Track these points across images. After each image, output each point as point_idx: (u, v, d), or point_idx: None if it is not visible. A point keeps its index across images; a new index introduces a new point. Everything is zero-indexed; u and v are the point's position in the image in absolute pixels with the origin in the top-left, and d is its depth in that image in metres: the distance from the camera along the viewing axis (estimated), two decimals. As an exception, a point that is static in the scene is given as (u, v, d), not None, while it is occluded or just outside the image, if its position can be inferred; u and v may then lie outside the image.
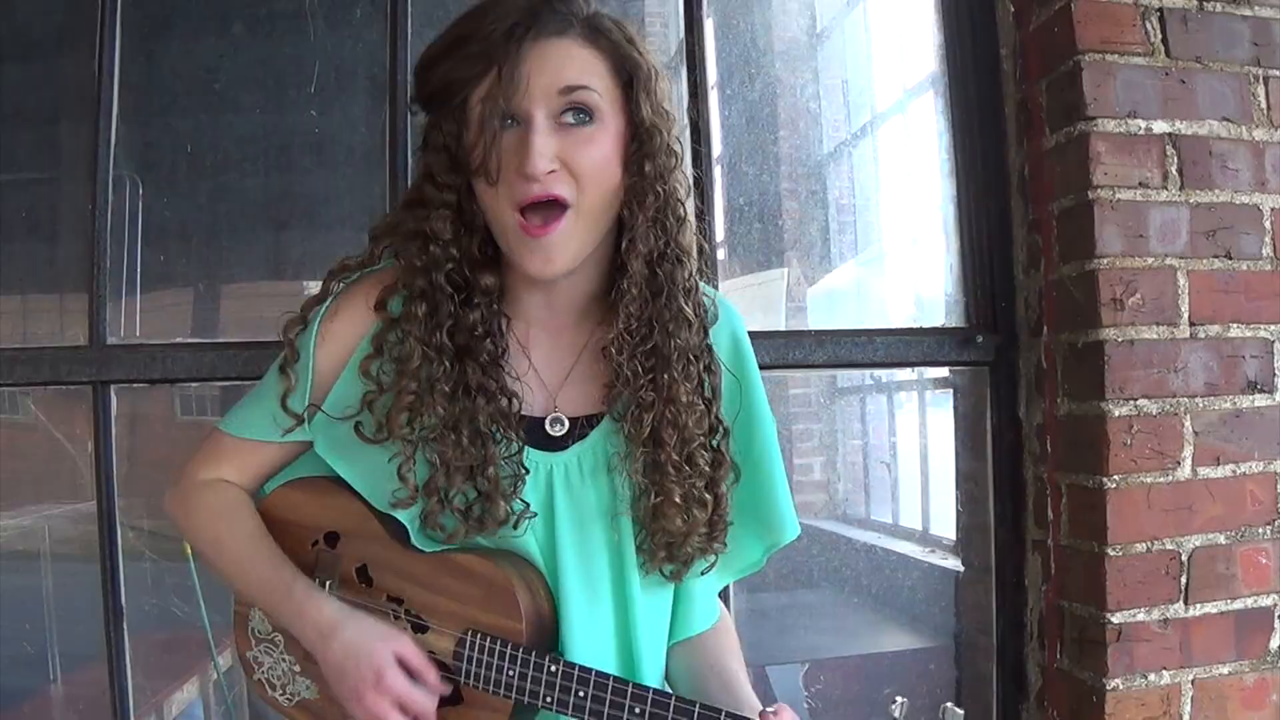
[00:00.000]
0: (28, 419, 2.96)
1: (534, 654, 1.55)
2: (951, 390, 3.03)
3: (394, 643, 1.59)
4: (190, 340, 2.75)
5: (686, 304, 1.65)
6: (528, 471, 1.64)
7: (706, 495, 1.64)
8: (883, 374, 3.65)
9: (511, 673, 1.56)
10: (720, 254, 3.12)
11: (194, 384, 2.77)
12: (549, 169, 1.52)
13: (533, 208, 1.54)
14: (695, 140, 2.75)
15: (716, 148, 3.10)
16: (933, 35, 2.93)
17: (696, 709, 1.46)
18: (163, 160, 2.89)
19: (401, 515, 1.66)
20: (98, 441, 2.59)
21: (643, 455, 1.65)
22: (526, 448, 1.67)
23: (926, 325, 2.92)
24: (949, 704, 1.48)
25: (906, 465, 3.72)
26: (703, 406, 1.66)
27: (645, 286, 1.62)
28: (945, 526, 3.16)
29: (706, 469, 1.65)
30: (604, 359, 1.67)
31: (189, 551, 2.78)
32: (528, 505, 1.63)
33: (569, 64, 1.56)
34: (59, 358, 2.59)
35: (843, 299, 3.41)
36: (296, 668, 1.79)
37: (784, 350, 2.70)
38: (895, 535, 3.58)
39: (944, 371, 3.15)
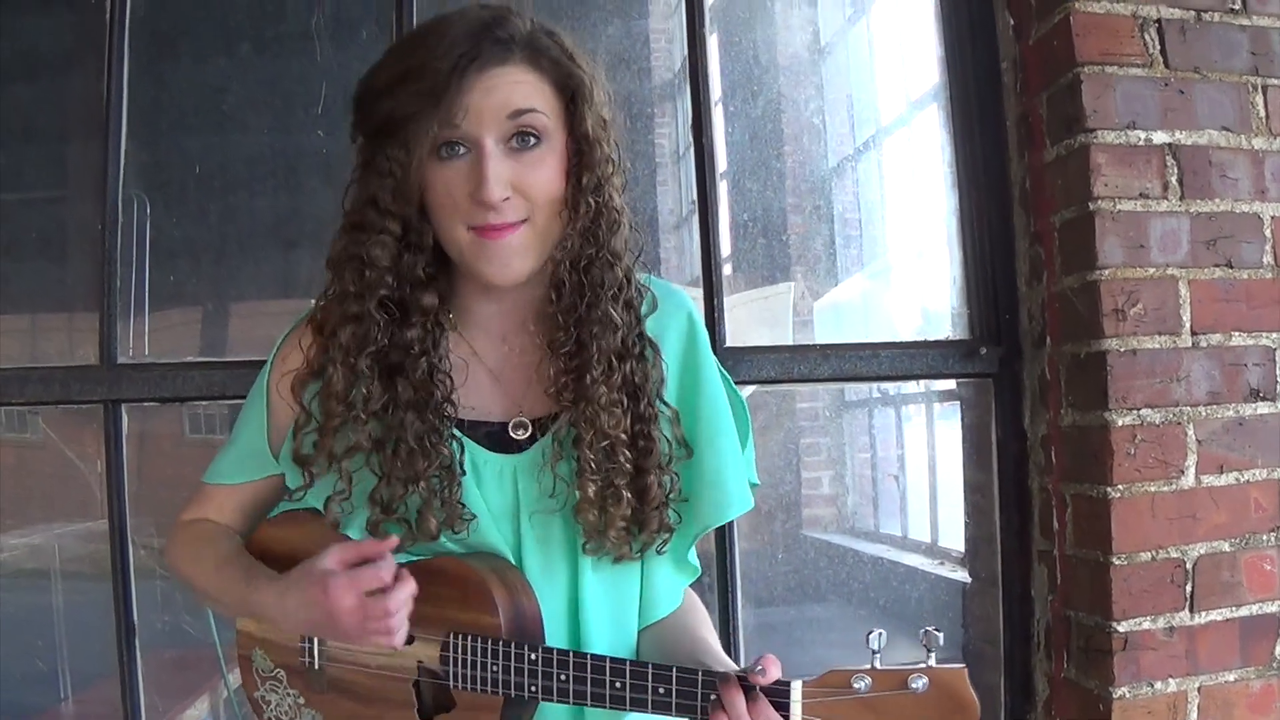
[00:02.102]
0: (38, 438, 2.99)
1: (513, 645, 1.55)
2: (958, 403, 3.04)
3: (324, 558, 1.57)
4: (200, 359, 2.77)
5: (614, 308, 1.65)
6: (463, 473, 1.65)
7: (625, 492, 1.64)
8: (890, 388, 3.67)
9: (495, 668, 1.56)
10: (726, 269, 3.13)
11: (203, 403, 2.79)
12: (504, 196, 1.53)
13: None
14: (699, 157, 2.77)
15: (721, 163, 3.11)
16: (935, 49, 2.94)
17: (674, 671, 1.47)
18: (172, 180, 2.92)
19: (352, 532, 1.67)
20: (109, 460, 2.60)
21: (568, 454, 1.67)
22: (481, 450, 1.69)
23: (931, 339, 2.92)
24: (928, 627, 1.48)
25: (914, 478, 3.72)
26: (624, 403, 1.66)
27: (572, 293, 1.64)
28: (954, 539, 3.16)
29: (628, 465, 1.65)
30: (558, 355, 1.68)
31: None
32: (464, 507, 1.63)
33: (515, 90, 1.56)
34: (70, 377, 2.61)
35: (849, 313, 3.42)
36: (301, 700, 1.80)
37: (789, 365, 2.71)
38: (904, 548, 3.58)
39: (951, 384, 3.15)
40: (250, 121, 2.93)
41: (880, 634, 1.48)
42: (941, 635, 1.47)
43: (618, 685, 1.50)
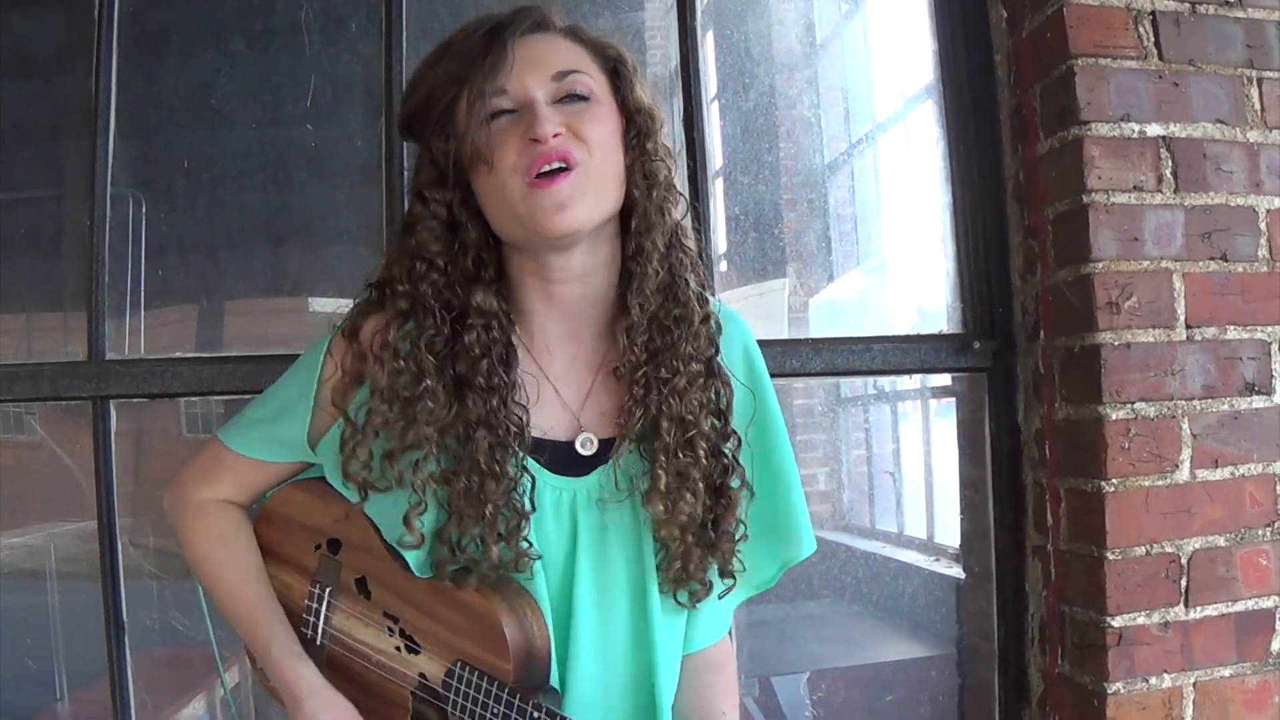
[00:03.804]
0: (33, 438, 2.98)
1: (518, 697, 1.52)
2: (954, 399, 3.02)
3: None
4: (189, 355, 2.76)
5: (695, 301, 1.64)
6: (533, 509, 1.61)
7: (699, 486, 1.61)
8: (885, 384, 3.66)
9: (495, 711, 1.53)
10: (721, 265, 3.12)
11: (196, 401, 2.77)
12: (556, 131, 1.51)
13: (540, 175, 1.52)
14: (691, 152, 2.75)
15: (717, 160, 3.10)
16: (929, 44, 2.93)
17: None
18: (165, 177, 2.91)
19: (410, 558, 1.64)
20: (98, 456, 2.59)
21: (640, 449, 1.64)
22: (546, 473, 1.64)
23: (925, 332, 2.90)
24: None
25: (910, 475, 3.72)
26: (708, 403, 1.64)
27: (658, 271, 1.62)
28: (950, 535, 3.16)
29: (705, 461, 1.62)
30: (619, 376, 1.65)
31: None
32: (530, 546, 1.59)
33: (557, 52, 1.58)
34: (59, 373, 2.60)
35: (844, 309, 3.41)
36: None
37: (781, 358, 2.70)
38: (900, 544, 3.58)
39: (946, 380, 3.14)
40: (239, 116, 2.92)
41: None
42: None
43: None
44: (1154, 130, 2.49)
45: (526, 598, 1.61)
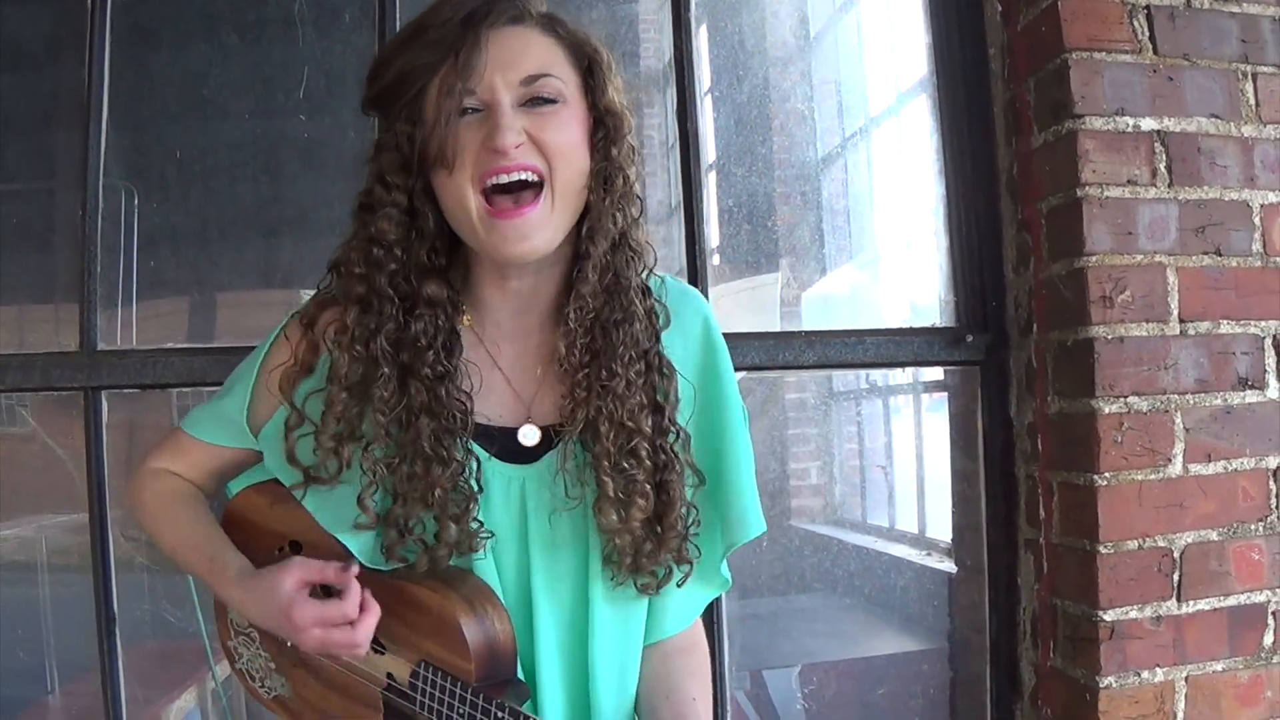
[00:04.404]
0: (26, 430, 2.97)
1: (481, 697, 1.51)
2: (946, 394, 3.02)
3: (286, 578, 1.56)
4: (181, 346, 2.75)
5: (638, 300, 1.62)
6: (480, 490, 1.61)
7: (647, 487, 1.60)
8: (878, 378, 3.65)
9: (461, 711, 1.53)
10: (715, 259, 3.12)
11: (189, 393, 2.77)
12: (517, 142, 1.49)
13: (501, 191, 1.50)
14: (684, 146, 2.75)
15: (711, 153, 3.10)
16: (924, 37, 2.93)
17: None
18: (157, 169, 2.90)
19: (352, 544, 1.63)
20: (89, 447, 2.59)
21: (582, 442, 1.63)
22: (494, 460, 1.64)
23: (917, 326, 2.90)
24: None
25: (902, 469, 3.72)
26: (647, 402, 1.62)
27: (601, 275, 1.60)
28: (942, 530, 3.16)
29: (648, 462, 1.61)
30: (565, 370, 1.64)
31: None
32: (481, 526, 1.59)
33: (529, 51, 1.55)
34: (50, 363, 2.59)
35: (837, 303, 3.41)
36: (272, 664, 1.80)
37: (774, 351, 2.69)
38: (891, 539, 3.57)
39: (938, 374, 3.15)
40: (231, 107, 2.92)
41: None
42: None
43: None
44: (1148, 124, 2.49)
45: (486, 592, 1.61)
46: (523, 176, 1.50)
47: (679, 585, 1.68)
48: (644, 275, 1.66)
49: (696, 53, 2.85)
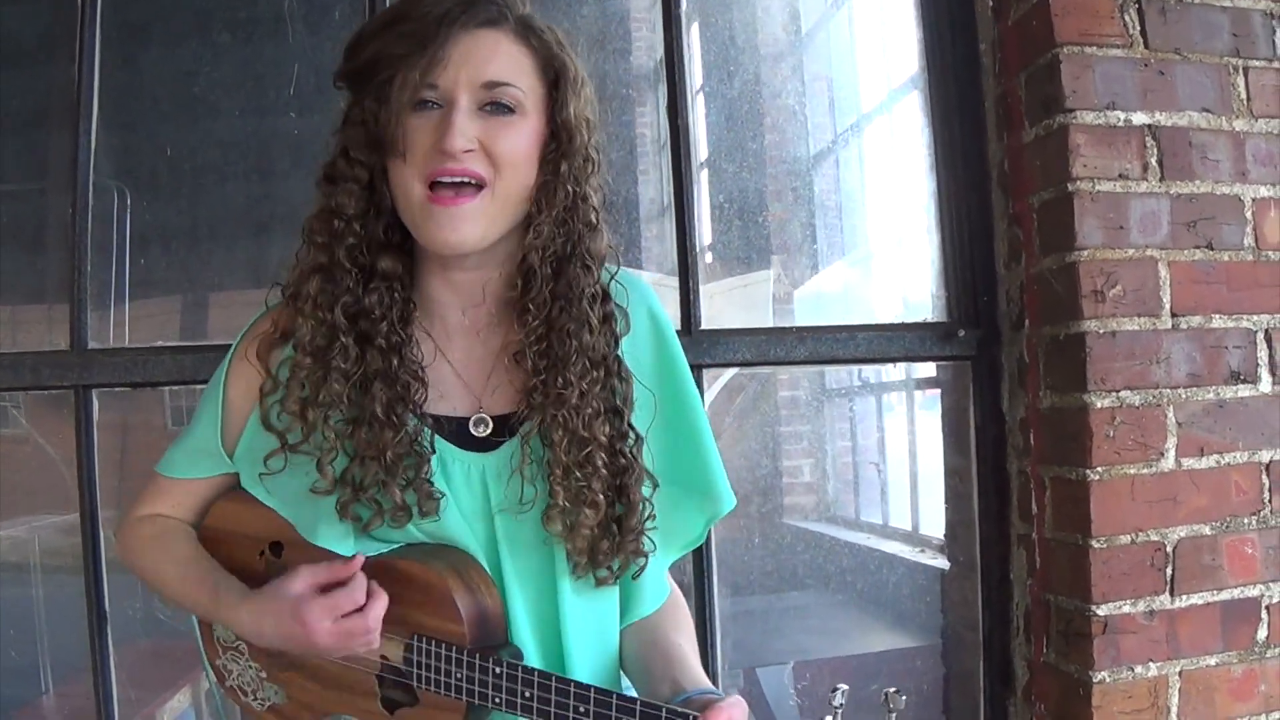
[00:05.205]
0: (19, 431, 2.97)
1: (478, 656, 1.53)
2: (939, 390, 3.02)
3: (293, 583, 1.57)
4: (171, 344, 2.75)
5: (591, 309, 1.63)
6: (433, 451, 1.63)
7: (599, 497, 1.61)
8: (871, 376, 3.65)
9: (459, 675, 1.54)
10: (707, 257, 3.12)
11: (181, 393, 2.77)
12: (467, 148, 1.52)
13: (444, 185, 1.53)
14: (674, 143, 2.75)
15: (703, 151, 3.10)
16: (915, 33, 2.93)
17: (638, 707, 1.45)
18: (148, 168, 2.90)
19: (326, 542, 1.64)
20: (80, 446, 2.59)
21: (544, 448, 1.64)
22: (451, 448, 1.66)
23: (909, 321, 2.90)
24: (890, 689, 1.47)
25: (895, 466, 3.72)
26: (604, 409, 1.64)
27: (545, 287, 1.61)
28: (935, 527, 3.15)
29: (604, 471, 1.63)
30: (519, 361, 1.66)
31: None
32: (432, 486, 1.61)
33: (496, 57, 1.56)
34: (40, 362, 2.59)
35: (830, 301, 3.41)
36: (263, 674, 1.79)
37: (765, 347, 2.69)
38: (885, 536, 3.57)
39: (931, 370, 3.14)
40: (224, 106, 2.92)
41: (843, 689, 1.48)
42: (904, 698, 1.47)
43: (581, 710, 1.48)
44: (1139, 119, 2.49)
45: (471, 562, 1.63)
46: (466, 180, 1.53)
47: (634, 579, 1.70)
48: (603, 283, 1.67)
49: (688, 50, 2.85)
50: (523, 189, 1.59)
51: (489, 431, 1.67)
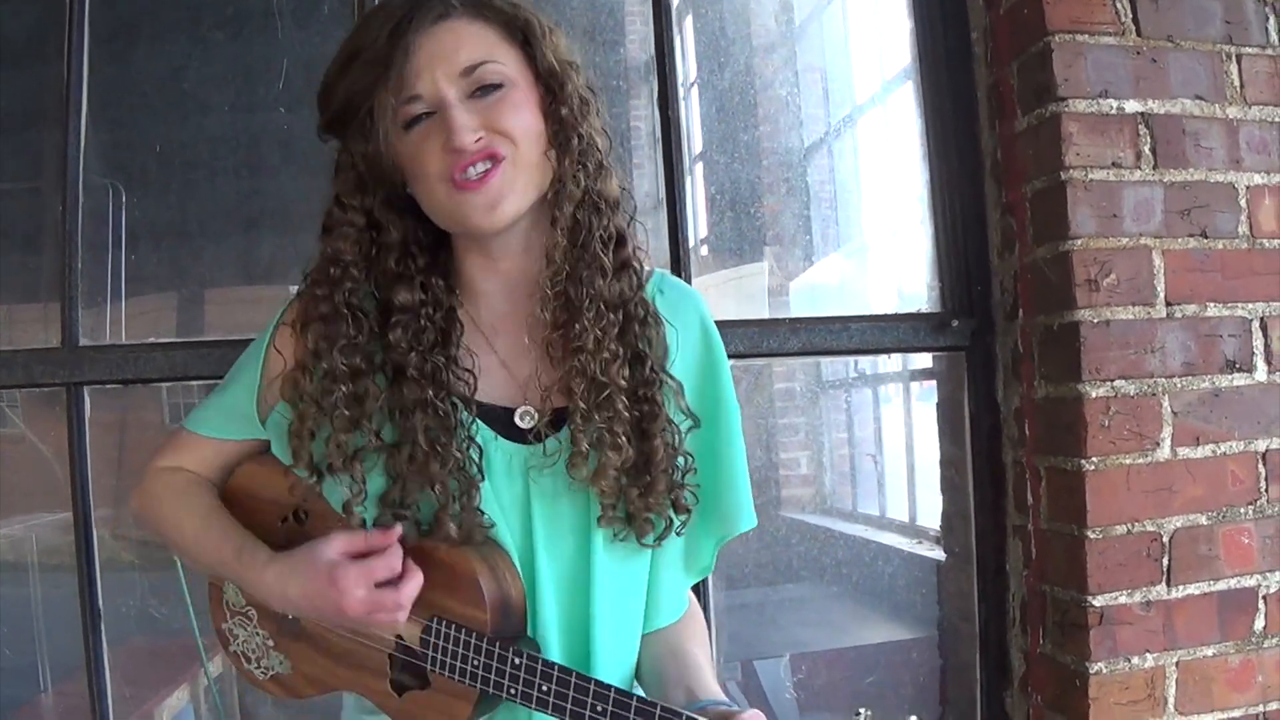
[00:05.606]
0: (15, 431, 2.97)
1: (498, 645, 1.53)
2: (935, 381, 3.02)
3: (328, 546, 1.57)
4: (164, 340, 2.74)
5: (604, 252, 1.63)
6: (483, 478, 1.62)
7: (621, 439, 1.60)
8: (867, 367, 3.65)
9: (476, 662, 1.54)
10: (702, 250, 3.11)
11: (179, 390, 2.77)
12: (475, 138, 1.51)
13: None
14: (666, 134, 2.74)
15: (697, 144, 3.10)
16: (907, 24, 2.92)
17: (658, 710, 1.44)
18: (140, 165, 2.90)
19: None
20: (72, 443, 2.58)
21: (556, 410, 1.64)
22: (499, 440, 1.65)
23: (902, 312, 2.89)
24: (865, 711, 1.47)
25: (892, 458, 3.72)
26: (623, 353, 1.63)
27: (567, 234, 1.61)
28: (931, 518, 3.15)
29: (625, 414, 1.62)
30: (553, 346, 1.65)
31: (177, 558, 2.78)
32: (483, 515, 1.60)
33: (462, 43, 1.56)
34: (32, 359, 2.58)
35: (824, 293, 3.41)
36: (270, 642, 1.80)
37: (759, 338, 2.68)
38: (882, 527, 3.57)
39: (927, 362, 3.14)
40: (213, 101, 2.92)
41: (867, 714, 1.47)
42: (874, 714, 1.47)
43: (598, 709, 1.47)
44: (1132, 107, 2.48)
45: (498, 551, 1.62)
46: (485, 166, 1.53)
47: (677, 533, 1.68)
48: (615, 226, 1.66)
49: (682, 43, 2.85)
50: (540, 152, 1.58)
51: (535, 423, 1.66)
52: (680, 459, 1.66)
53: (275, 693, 1.83)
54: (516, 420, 1.67)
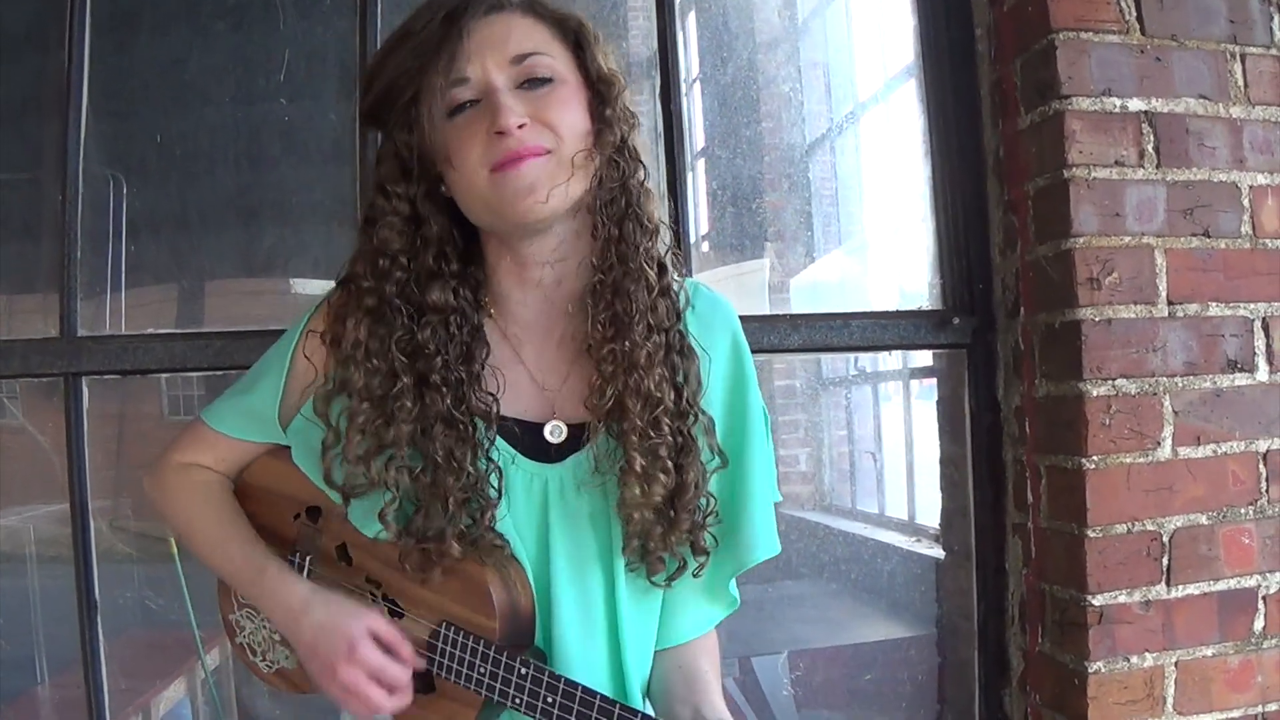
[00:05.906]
0: (13, 422, 2.97)
1: (505, 655, 1.52)
2: (935, 379, 3.01)
3: (366, 618, 1.57)
4: (162, 331, 2.74)
5: (649, 266, 1.60)
6: (499, 498, 1.60)
7: (669, 464, 1.58)
8: (867, 365, 3.65)
9: (483, 670, 1.53)
10: (704, 246, 3.11)
11: (178, 382, 2.77)
12: (520, 122, 1.49)
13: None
14: (668, 130, 2.73)
15: (699, 140, 3.09)
16: (910, 21, 2.91)
17: None
18: (140, 156, 2.89)
19: (373, 529, 1.62)
20: (69, 433, 2.57)
21: (608, 430, 1.60)
22: (521, 458, 1.63)
23: (903, 309, 2.88)
24: None
25: (891, 456, 3.72)
26: (667, 375, 1.60)
27: (613, 245, 1.59)
28: (930, 516, 3.15)
29: (670, 438, 1.59)
30: (591, 356, 1.62)
31: (175, 551, 2.77)
32: (497, 535, 1.58)
33: (514, 33, 1.55)
34: (30, 350, 2.58)
35: (826, 290, 3.41)
36: (276, 636, 1.80)
37: (759, 335, 2.67)
38: (880, 525, 3.57)
39: (927, 359, 3.13)
40: (214, 93, 2.91)
41: None
42: None
43: None
44: (1135, 105, 2.47)
45: (512, 562, 1.60)
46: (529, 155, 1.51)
47: (695, 575, 1.65)
48: (657, 247, 1.64)
49: (684, 38, 2.84)
50: (584, 153, 1.55)
51: (564, 438, 1.64)
52: (704, 500, 1.63)
53: (279, 686, 1.84)
54: (546, 435, 1.65)
